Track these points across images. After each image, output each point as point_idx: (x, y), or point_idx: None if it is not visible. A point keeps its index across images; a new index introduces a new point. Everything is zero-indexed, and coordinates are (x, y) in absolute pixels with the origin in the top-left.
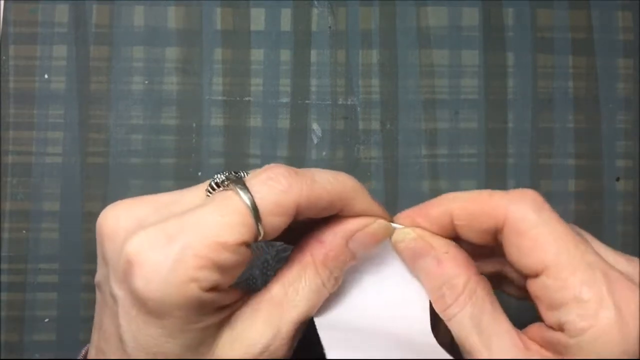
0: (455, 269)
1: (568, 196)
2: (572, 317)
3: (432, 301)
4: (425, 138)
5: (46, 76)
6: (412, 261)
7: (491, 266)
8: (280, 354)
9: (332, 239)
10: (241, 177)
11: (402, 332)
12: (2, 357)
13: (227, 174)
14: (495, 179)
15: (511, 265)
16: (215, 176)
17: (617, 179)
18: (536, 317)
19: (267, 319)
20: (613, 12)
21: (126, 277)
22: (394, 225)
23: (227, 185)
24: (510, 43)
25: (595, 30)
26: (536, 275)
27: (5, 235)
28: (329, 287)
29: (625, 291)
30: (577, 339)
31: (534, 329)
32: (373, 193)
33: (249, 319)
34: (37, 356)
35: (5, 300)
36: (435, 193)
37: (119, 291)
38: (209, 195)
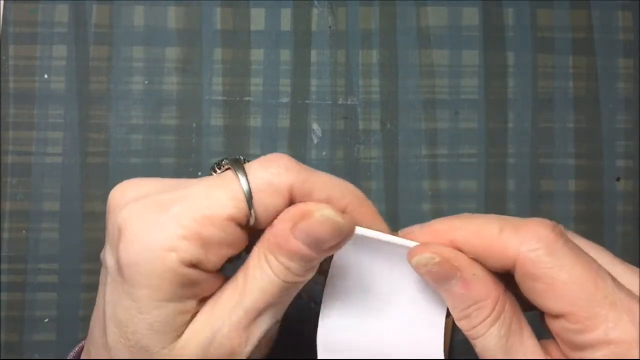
0: (483, 291)
1: (568, 196)
2: (600, 356)
3: (456, 319)
4: (425, 138)
5: (46, 76)
6: (436, 283)
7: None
8: (229, 343)
9: (277, 222)
10: (242, 159)
11: (412, 355)
12: (2, 357)
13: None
14: (495, 179)
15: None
16: (218, 159)
17: (617, 179)
18: None
19: (222, 308)
20: (613, 12)
21: (116, 245)
22: (359, 231)
23: (225, 165)
24: (510, 43)
25: (595, 30)
26: (555, 317)
27: (5, 235)
28: (281, 276)
29: None
30: None
31: (553, 345)
32: (373, 193)
33: (210, 310)
34: (36, 356)
35: (5, 300)
36: (435, 193)
37: (109, 259)
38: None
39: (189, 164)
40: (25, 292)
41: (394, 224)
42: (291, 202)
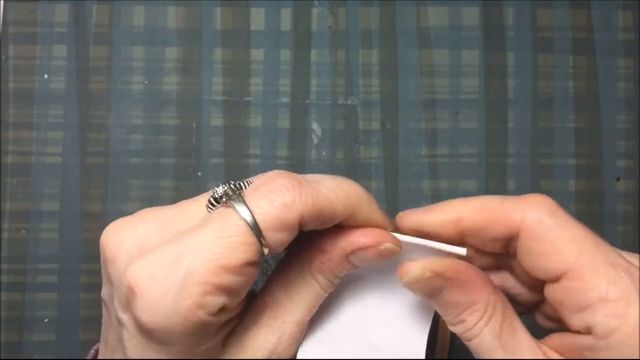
0: (474, 296)
1: (568, 196)
2: (600, 317)
3: (449, 325)
4: (425, 138)
5: (46, 76)
6: (429, 297)
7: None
8: (287, 355)
9: (332, 249)
10: (241, 189)
11: (394, 353)
12: (2, 357)
13: (226, 186)
14: (495, 179)
15: (527, 272)
16: (215, 190)
17: (617, 179)
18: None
19: (270, 322)
20: (613, 12)
21: (129, 304)
22: (400, 238)
23: (226, 202)
24: (511, 43)
25: (595, 30)
26: (557, 280)
27: (5, 235)
28: (326, 289)
29: None
30: (607, 340)
31: (554, 339)
32: (373, 193)
33: (254, 325)
34: (36, 356)
35: (5, 300)
36: (435, 193)
37: (123, 315)
38: (209, 211)
39: (189, 164)
40: (25, 292)
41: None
42: (301, 226)
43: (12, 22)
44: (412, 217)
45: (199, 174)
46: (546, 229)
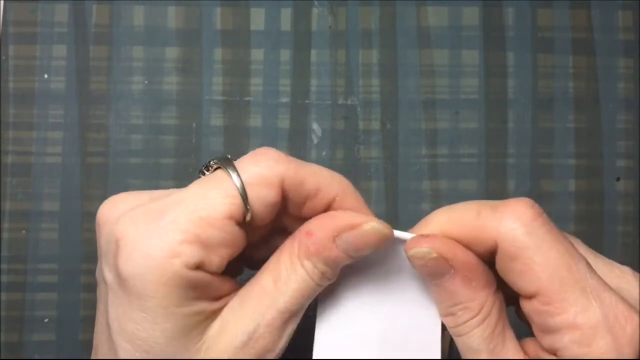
0: (472, 293)
1: (568, 196)
2: (566, 343)
3: (441, 314)
4: (425, 138)
5: (46, 76)
6: (429, 277)
7: None
8: (264, 343)
9: (317, 230)
10: (230, 158)
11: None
12: (2, 357)
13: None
14: (495, 179)
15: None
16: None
17: (617, 179)
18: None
19: (253, 309)
20: (613, 12)
21: (114, 258)
22: (396, 233)
23: (214, 164)
24: (511, 43)
25: (595, 30)
26: (530, 298)
27: (5, 235)
28: (316, 279)
29: (620, 317)
30: None
31: (530, 345)
32: (373, 193)
33: (238, 310)
34: (36, 356)
35: (5, 300)
36: (435, 193)
37: (108, 274)
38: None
39: (189, 164)
40: (25, 292)
41: (394, 224)
42: (284, 194)
43: (12, 22)
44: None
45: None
46: (521, 249)
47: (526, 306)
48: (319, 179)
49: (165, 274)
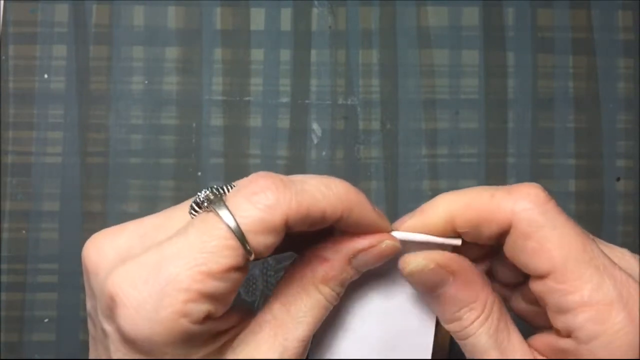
0: (473, 295)
1: (568, 196)
2: (581, 321)
3: (445, 322)
4: (425, 138)
5: (46, 76)
6: (431, 290)
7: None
8: None
9: (334, 256)
10: (223, 194)
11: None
12: (2, 357)
13: (209, 190)
14: (495, 179)
15: (515, 265)
16: (198, 194)
17: (617, 179)
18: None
19: (271, 340)
20: (613, 12)
21: (112, 314)
22: (398, 235)
23: (208, 206)
24: (511, 43)
25: (595, 30)
26: (542, 278)
27: (5, 235)
28: (331, 301)
29: (634, 293)
30: (589, 345)
31: (539, 338)
32: (373, 193)
33: (252, 342)
34: (36, 356)
35: (5, 300)
36: (435, 193)
37: (107, 326)
38: (192, 217)
39: (189, 164)
40: (25, 292)
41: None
42: (287, 228)
43: (12, 22)
44: (408, 224)
45: (199, 174)
46: (536, 228)
47: (538, 286)
48: (323, 204)
49: (173, 334)
